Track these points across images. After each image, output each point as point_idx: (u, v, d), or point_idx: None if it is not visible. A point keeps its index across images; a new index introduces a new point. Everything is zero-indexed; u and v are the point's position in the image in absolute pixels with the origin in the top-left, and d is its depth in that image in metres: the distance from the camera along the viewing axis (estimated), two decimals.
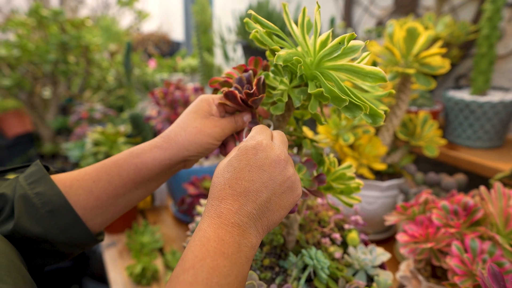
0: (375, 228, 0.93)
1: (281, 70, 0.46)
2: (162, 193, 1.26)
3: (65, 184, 0.41)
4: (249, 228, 0.34)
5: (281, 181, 0.37)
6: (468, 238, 0.53)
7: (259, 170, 0.36)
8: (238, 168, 0.36)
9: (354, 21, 1.62)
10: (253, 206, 0.35)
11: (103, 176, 0.42)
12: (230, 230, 0.33)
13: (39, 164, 0.42)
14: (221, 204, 0.35)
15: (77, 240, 0.42)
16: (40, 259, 0.41)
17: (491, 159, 0.91)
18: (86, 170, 0.43)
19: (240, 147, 0.38)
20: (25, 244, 0.39)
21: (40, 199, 0.39)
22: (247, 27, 0.44)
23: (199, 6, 1.90)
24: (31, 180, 0.40)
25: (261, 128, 0.41)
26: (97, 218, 0.43)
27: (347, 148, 0.87)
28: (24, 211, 0.38)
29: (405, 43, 0.77)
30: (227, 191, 0.35)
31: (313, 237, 0.58)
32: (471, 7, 1.18)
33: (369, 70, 0.41)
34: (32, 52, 1.73)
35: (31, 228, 0.38)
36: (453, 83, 1.26)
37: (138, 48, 3.34)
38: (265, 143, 0.37)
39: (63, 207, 0.40)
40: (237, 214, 0.34)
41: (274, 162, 0.37)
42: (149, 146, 0.44)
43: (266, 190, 0.36)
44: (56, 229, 0.40)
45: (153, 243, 0.98)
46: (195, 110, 0.45)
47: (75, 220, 0.41)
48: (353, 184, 0.51)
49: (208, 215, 0.35)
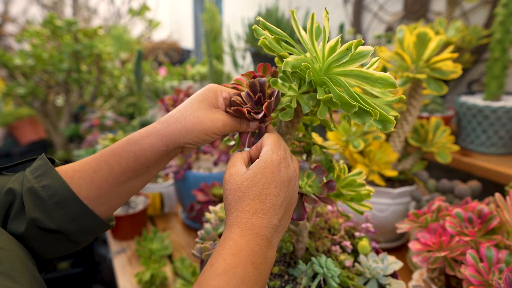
0: (387, 236, 0.91)
1: (290, 76, 0.45)
2: (171, 199, 1.26)
3: (67, 175, 0.42)
4: (273, 240, 0.38)
5: (293, 193, 0.41)
6: (484, 247, 0.52)
7: (282, 185, 0.40)
8: (266, 183, 0.39)
9: (363, 27, 1.62)
10: (278, 219, 0.39)
11: (103, 166, 0.42)
12: (260, 242, 0.36)
13: (44, 158, 0.43)
14: (253, 217, 0.37)
15: (88, 227, 0.43)
16: (56, 250, 0.43)
17: (506, 165, 0.89)
18: (87, 161, 0.43)
19: (266, 161, 0.40)
20: (40, 237, 0.40)
21: (47, 192, 0.40)
22: (256, 34, 0.44)
23: (209, 14, 1.92)
24: (37, 173, 0.41)
25: (278, 140, 0.43)
26: (102, 206, 0.44)
27: (357, 154, 0.86)
28: (32, 203, 0.39)
29: (415, 48, 0.77)
30: (258, 206, 0.38)
31: (323, 244, 0.57)
32: (482, 11, 1.17)
33: (378, 76, 0.40)
34: (46, 61, 1.77)
35: (43, 220, 0.39)
36: (465, 88, 1.24)
37: (148, 56, 3.39)
38: (286, 160, 0.41)
39: (69, 198, 0.41)
40: (267, 227, 0.37)
41: (291, 178, 0.41)
42: (146, 132, 0.43)
43: (285, 203, 0.40)
44: (66, 219, 0.41)
45: (162, 250, 0.98)
46: (200, 99, 0.44)
47: (82, 209, 0.42)
48: (364, 191, 0.50)
49: (238, 226, 0.37)
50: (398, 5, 1.44)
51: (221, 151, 1.07)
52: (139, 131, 0.44)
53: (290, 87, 0.44)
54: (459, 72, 0.74)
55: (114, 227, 1.09)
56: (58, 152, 2.10)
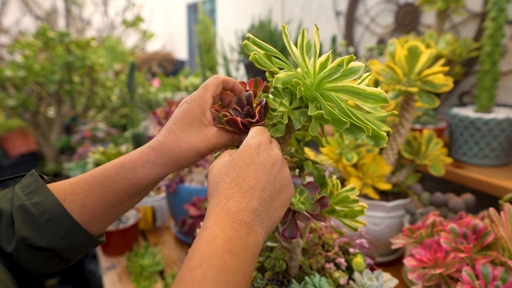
0: (382, 250, 0.90)
1: (281, 92, 0.45)
2: (163, 213, 1.24)
3: (59, 197, 0.41)
4: (255, 225, 0.35)
5: (280, 179, 0.38)
6: (479, 264, 0.51)
7: (263, 167, 0.37)
8: (244, 166, 0.37)
9: (355, 39, 1.63)
10: (259, 203, 0.36)
11: (96, 190, 0.42)
12: (238, 228, 0.33)
13: (35, 174, 0.42)
14: (228, 202, 0.35)
15: (79, 244, 0.42)
16: (45, 267, 0.42)
17: (499, 177, 0.89)
18: (78, 183, 0.42)
19: (244, 146, 0.39)
20: (29, 255, 0.40)
21: (38, 209, 0.39)
22: (246, 50, 0.44)
23: (203, 26, 1.93)
24: (28, 190, 0.40)
25: (261, 129, 0.41)
26: (94, 226, 0.43)
27: (351, 167, 0.85)
28: (23, 221, 0.39)
29: (407, 61, 0.77)
30: (234, 190, 0.36)
31: (317, 262, 0.56)
32: (472, 24, 1.19)
33: (370, 92, 0.40)
34: (37, 73, 1.76)
35: (34, 238, 0.39)
36: (457, 100, 1.25)
37: (142, 67, 3.39)
38: (265, 143, 0.39)
39: (61, 215, 0.40)
40: (245, 211, 0.34)
41: (275, 161, 0.38)
42: (141, 160, 0.42)
43: (269, 187, 0.37)
44: (57, 237, 0.40)
45: (154, 266, 0.96)
46: (189, 121, 0.43)
47: (74, 226, 0.41)
48: (357, 207, 0.49)
49: (213, 214, 0.35)
50: (389, 18, 1.46)
51: None
52: (132, 155, 0.43)
53: (281, 103, 0.44)
54: (451, 85, 0.74)
55: (104, 243, 1.06)
56: (49, 164, 2.06)
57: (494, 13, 0.92)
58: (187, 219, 0.95)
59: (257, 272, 0.55)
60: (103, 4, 3.62)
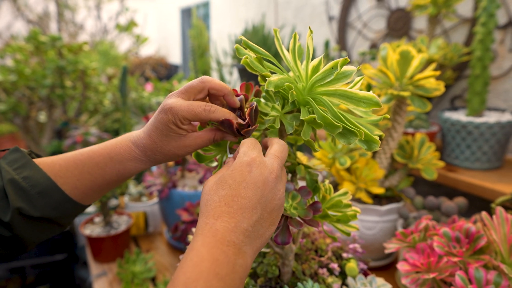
0: (375, 254, 0.90)
1: (273, 96, 0.45)
2: (155, 219, 1.22)
3: (50, 175, 0.43)
4: (244, 246, 0.34)
5: (272, 198, 0.37)
6: (472, 268, 0.51)
7: (254, 187, 0.36)
8: (234, 185, 0.36)
9: (348, 44, 1.64)
10: (249, 223, 0.35)
11: (86, 176, 0.43)
12: (225, 250, 0.32)
13: (20, 150, 0.43)
14: (217, 221, 0.34)
15: (70, 213, 0.44)
16: (42, 234, 0.44)
17: (491, 181, 0.90)
18: (68, 167, 0.43)
19: (235, 163, 0.37)
20: (25, 224, 0.41)
21: (28, 182, 0.41)
22: (238, 53, 0.43)
23: (196, 31, 1.93)
24: (16, 165, 0.42)
25: (252, 143, 0.40)
26: (85, 201, 0.45)
27: (344, 171, 0.85)
28: (15, 194, 0.40)
29: (399, 66, 0.77)
30: (223, 209, 0.35)
31: (310, 267, 0.55)
32: (462, 29, 1.20)
33: (363, 96, 0.40)
34: (28, 77, 1.74)
35: (27, 209, 0.40)
36: (448, 104, 1.26)
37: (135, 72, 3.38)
38: (259, 160, 0.37)
39: (50, 188, 0.42)
40: (234, 232, 0.34)
41: (267, 179, 0.37)
42: (128, 155, 0.44)
43: (260, 207, 0.36)
44: (48, 207, 0.42)
45: (145, 273, 0.95)
46: (165, 132, 0.42)
47: (64, 198, 0.43)
48: (350, 212, 0.49)
49: (201, 233, 0.34)
50: (382, 23, 1.48)
51: (206, 169, 1.05)
52: (119, 148, 0.44)
53: (273, 107, 0.43)
54: (442, 89, 0.75)
55: (95, 249, 1.05)
56: None
57: (484, 18, 0.93)
58: (179, 225, 0.94)
59: (250, 279, 0.54)
60: (96, 8, 3.61)
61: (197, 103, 0.41)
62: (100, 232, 1.06)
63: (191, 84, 0.43)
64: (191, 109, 0.41)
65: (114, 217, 1.14)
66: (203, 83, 0.42)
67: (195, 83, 0.42)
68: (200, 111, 0.41)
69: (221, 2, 2.97)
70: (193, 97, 0.43)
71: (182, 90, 0.42)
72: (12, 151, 0.43)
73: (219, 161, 0.50)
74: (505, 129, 0.93)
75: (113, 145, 0.44)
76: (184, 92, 0.42)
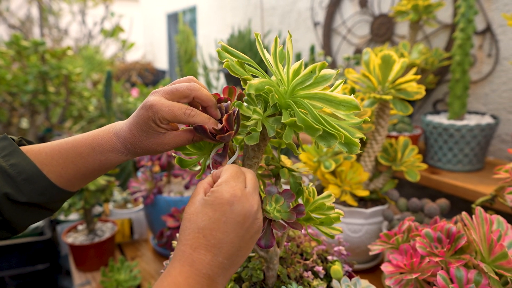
0: (361, 257, 0.90)
1: (254, 99, 0.45)
2: (141, 225, 1.20)
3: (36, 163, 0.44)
4: (218, 278, 0.36)
5: (253, 230, 0.38)
6: (453, 267, 0.51)
7: (234, 222, 0.37)
8: (214, 218, 0.36)
9: (333, 49, 1.67)
10: (225, 257, 0.36)
11: (70, 165, 0.44)
12: (200, 281, 0.34)
13: (8, 138, 0.45)
14: (194, 253, 0.35)
15: (57, 198, 0.45)
16: (31, 218, 0.45)
17: (472, 182, 0.92)
18: (53, 155, 0.44)
19: (217, 195, 0.37)
20: (14, 209, 0.43)
21: (15, 170, 0.42)
22: (219, 57, 0.44)
23: (183, 36, 1.93)
24: (3, 153, 0.43)
25: (235, 172, 0.40)
26: (70, 188, 0.46)
27: (329, 174, 0.86)
28: (2, 180, 0.41)
29: (381, 70, 0.79)
30: (201, 241, 0.36)
31: (295, 271, 0.55)
32: (443, 35, 1.23)
33: (342, 99, 0.40)
34: (9, 82, 1.70)
35: (14, 194, 0.42)
36: (431, 108, 1.29)
37: (121, 77, 3.34)
38: (240, 194, 0.37)
39: (36, 175, 0.43)
40: (209, 265, 0.35)
41: (249, 213, 0.38)
42: (109, 146, 0.44)
43: (237, 240, 0.37)
44: (35, 193, 0.43)
45: (130, 281, 0.93)
46: (145, 128, 0.42)
47: (50, 185, 0.44)
48: (333, 214, 0.49)
49: (179, 262, 0.35)
50: (366, 29, 1.50)
51: (192, 174, 1.04)
52: (101, 139, 0.44)
53: (255, 110, 0.43)
54: (423, 93, 0.76)
55: (78, 258, 1.02)
56: None
57: (462, 24, 0.96)
58: (165, 231, 0.92)
59: (234, 283, 0.54)
60: (81, 13, 3.57)
61: (178, 105, 0.41)
62: (83, 240, 1.03)
63: (178, 88, 0.42)
64: (172, 111, 0.41)
65: (98, 224, 1.11)
66: (190, 91, 0.42)
67: (182, 88, 0.42)
68: (180, 114, 0.41)
69: (207, 8, 2.98)
70: (176, 100, 0.42)
71: (167, 91, 0.42)
72: (1, 139, 0.44)
73: (202, 164, 0.50)
74: (485, 131, 0.95)
75: (96, 135, 0.45)
76: (169, 93, 0.42)
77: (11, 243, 1.32)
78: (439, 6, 1.08)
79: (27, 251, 1.35)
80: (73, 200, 1.00)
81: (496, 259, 0.51)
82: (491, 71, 1.10)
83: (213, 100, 0.44)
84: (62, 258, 1.38)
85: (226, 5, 2.61)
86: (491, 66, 1.10)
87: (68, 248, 1.04)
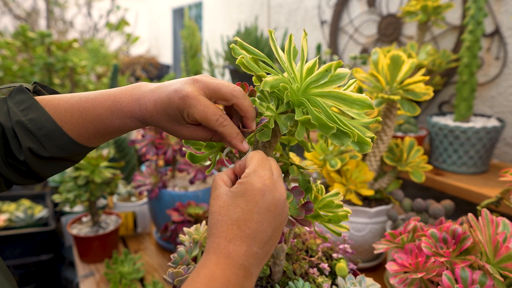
0: (365, 255, 0.91)
1: (267, 96, 0.45)
2: (145, 219, 1.21)
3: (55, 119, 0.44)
4: (253, 268, 0.36)
5: (282, 218, 0.39)
6: (459, 268, 0.52)
7: (267, 211, 0.37)
8: (246, 209, 0.36)
9: (340, 48, 1.66)
10: (260, 246, 0.36)
11: (89, 126, 0.44)
12: (237, 272, 0.35)
13: (25, 91, 0.44)
14: (229, 244, 0.35)
15: (79, 151, 0.46)
16: (56, 169, 0.47)
17: (477, 184, 0.92)
18: (72, 113, 0.44)
19: (247, 186, 0.37)
20: (38, 162, 0.44)
21: (34, 125, 0.42)
22: (234, 53, 0.44)
23: (188, 31, 1.93)
24: (22, 107, 0.42)
25: (262, 160, 0.39)
26: (92, 145, 0.47)
27: (335, 173, 0.86)
28: (24, 135, 0.42)
29: (389, 70, 0.79)
30: (236, 232, 0.36)
31: (301, 267, 0.56)
32: (451, 36, 1.23)
33: (356, 98, 0.40)
34: (15, 73, 1.70)
35: (37, 149, 0.42)
36: (437, 109, 1.29)
37: (126, 71, 3.35)
38: (270, 183, 0.38)
39: (55, 131, 0.43)
40: (245, 256, 0.35)
41: (279, 201, 0.38)
42: (129, 113, 0.43)
43: (270, 229, 0.37)
44: (56, 148, 0.44)
45: (134, 273, 0.94)
46: (170, 113, 0.41)
47: (71, 141, 0.44)
48: (341, 212, 0.50)
49: (214, 254, 0.35)
50: (373, 29, 1.50)
51: (197, 169, 1.05)
52: (121, 102, 0.43)
53: (268, 107, 0.44)
54: (431, 94, 0.76)
55: (82, 249, 1.03)
56: None
57: (471, 26, 0.96)
58: (169, 225, 0.93)
59: None
60: (87, 6, 3.56)
61: (213, 110, 0.40)
62: (88, 232, 1.04)
63: (222, 89, 0.40)
64: (205, 113, 0.39)
65: (103, 217, 1.12)
66: (232, 96, 0.40)
67: (225, 90, 0.40)
68: (212, 119, 0.39)
69: (213, 4, 2.97)
70: (215, 99, 0.41)
71: (210, 87, 0.40)
72: (18, 90, 0.44)
73: (213, 160, 0.50)
74: (491, 134, 0.95)
75: (117, 97, 0.43)
76: (210, 90, 0.40)
77: (16, 233, 1.33)
78: (448, 8, 1.08)
79: (32, 241, 1.36)
80: (79, 192, 1.00)
81: (501, 261, 0.51)
82: (498, 74, 1.10)
83: (254, 112, 0.42)
84: (66, 249, 1.39)
85: (233, 1, 2.61)
86: (499, 69, 1.09)
87: (73, 239, 1.05)
